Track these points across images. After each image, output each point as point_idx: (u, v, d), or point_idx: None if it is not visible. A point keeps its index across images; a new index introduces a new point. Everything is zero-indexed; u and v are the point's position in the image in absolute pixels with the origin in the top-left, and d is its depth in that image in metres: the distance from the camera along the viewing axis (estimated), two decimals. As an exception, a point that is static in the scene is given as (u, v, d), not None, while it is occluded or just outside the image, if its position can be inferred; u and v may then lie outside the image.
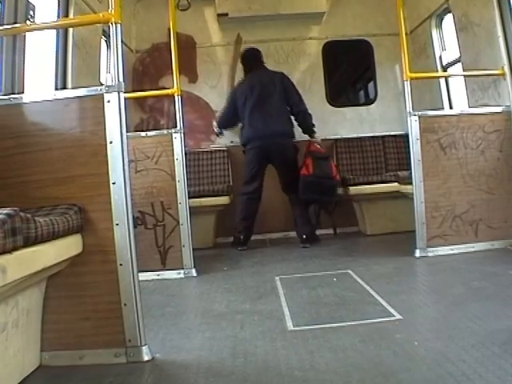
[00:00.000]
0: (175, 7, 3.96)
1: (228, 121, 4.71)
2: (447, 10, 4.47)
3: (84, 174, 1.96)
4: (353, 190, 4.71)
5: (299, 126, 4.55)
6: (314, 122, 4.55)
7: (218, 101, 5.30)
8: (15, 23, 2.75)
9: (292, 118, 4.53)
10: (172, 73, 3.69)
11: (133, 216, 1.98)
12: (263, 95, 4.43)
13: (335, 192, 4.44)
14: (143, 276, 2.59)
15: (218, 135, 4.88)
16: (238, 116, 4.57)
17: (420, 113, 3.54)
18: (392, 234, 4.59)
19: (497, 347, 1.74)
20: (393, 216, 4.70)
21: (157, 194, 3.50)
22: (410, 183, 3.61)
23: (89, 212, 1.96)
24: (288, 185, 4.46)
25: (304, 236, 4.39)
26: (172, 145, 3.51)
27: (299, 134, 4.58)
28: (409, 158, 3.58)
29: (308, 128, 4.54)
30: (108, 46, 4.43)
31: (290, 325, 2.24)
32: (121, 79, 1.95)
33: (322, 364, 1.76)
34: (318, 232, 4.63)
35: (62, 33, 3.60)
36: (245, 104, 4.47)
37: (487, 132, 3.59)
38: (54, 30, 3.55)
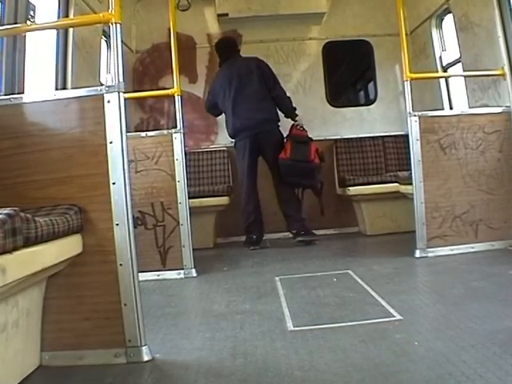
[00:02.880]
0: (175, 7, 3.96)
1: (213, 111, 4.79)
2: (447, 11, 4.47)
3: (84, 174, 1.96)
4: (353, 190, 4.71)
5: (280, 110, 4.55)
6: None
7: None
8: (15, 23, 2.75)
9: None
10: (172, 73, 3.69)
11: (133, 216, 1.98)
12: (242, 85, 4.44)
13: (315, 175, 4.45)
14: (143, 276, 2.59)
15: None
16: (218, 108, 4.63)
17: (420, 113, 3.53)
18: (392, 235, 4.59)
19: (497, 347, 1.74)
20: (393, 216, 4.70)
21: (157, 195, 3.50)
22: (410, 183, 3.61)
23: (89, 212, 1.96)
24: (276, 170, 4.44)
25: (295, 231, 4.41)
26: (172, 145, 3.51)
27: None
28: (409, 159, 3.58)
29: (288, 111, 4.55)
30: (108, 46, 4.43)
31: (289, 325, 2.24)
32: (121, 79, 1.95)
33: (321, 364, 1.76)
34: (323, 232, 4.70)
35: (62, 33, 3.60)
36: (225, 97, 4.49)
37: (487, 132, 3.59)
38: (54, 30, 3.55)
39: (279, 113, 4.57)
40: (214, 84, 4.67)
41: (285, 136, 4.52)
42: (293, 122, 4.56)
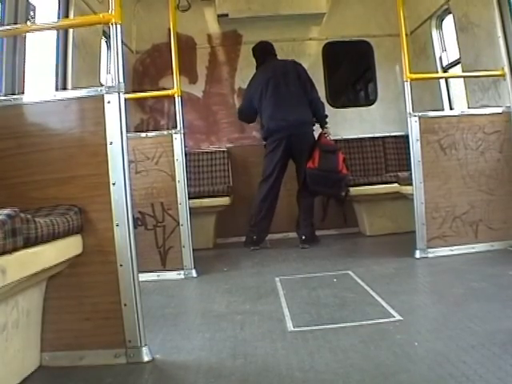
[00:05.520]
0: (175, 8, 3.96)
1: (246, 117, 4.71)
2: (447, 11, 4.47)
3: (84, 175, 1.96)
4: (353, 190, 4.71)
5: (313, 114, 4.49)
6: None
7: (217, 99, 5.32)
8: (15, 24, 2.76)
9: None
10: (172, 73, 3.69)
11: (133, 217, 1.98)
12: (279, 86, 4.41)
13: (342, 185, 4.42)
14: (143, 277, 2.58)
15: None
16: (255, 112, 4.56)
17: (420, 114, 3.53)
18: (392, 235, 4.59)
19: (497, 348, 1.74)
20: (393, 217, 4.70)
21: (157, 195, 3.50)
22: (410, 184, 3.61)
23: (89, 212, 1.96)
24: (303, 176, 4.40)
25: (303, 237, 4.39)
26: (172, 145, 3.51)
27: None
28: (409, 159, 3.58)
29: (320, 117, 4.52)
30: (108, 47, 4.43)
31: (290, 325, 2.24)
32: (121, 80, 1.95)
33: (322, 365, 1.76)
34: (323, 232, 4.67)
35: (63, 33, 3.60)
36: (261, 97, 4.45)
37: (487, 133, 3.59)
38: (55, 31, 3.55)
39: None
40: (250, 86, 4.61)
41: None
42: (321, 131, 4.51)
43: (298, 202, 4.54)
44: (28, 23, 2.85)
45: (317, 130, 4.54)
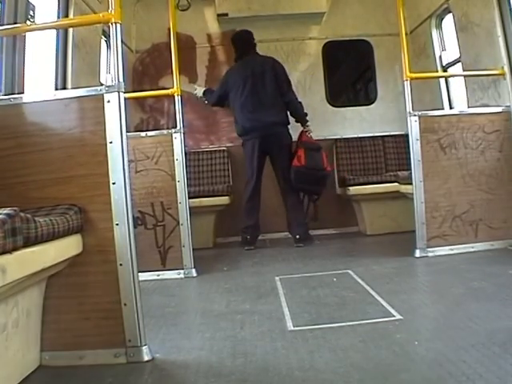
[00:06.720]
0: (175, 7, 3.96)
1: (217, 101, 4.74)
2: (447, 10, 4.47)
3: (84, 174, 1.96)
4: (353, 190, 4.71)
5: (291, 115, 4.55)
6: (306, 111, 4.58)
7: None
8: (15, 23, 2.75)
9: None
10: (172, 73, 3.69)
11: (133, 216, 1.98)
12: (256, 85, 4.43)
13: (325, 182, 4.48)
14: (143, 276, 2.59)
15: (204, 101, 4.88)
16: (226, 100, 4.61)
17: (420, 113, 3.53)
18: (392, 234, 4.59)
19: (497, 347, 1.74)
20: (393, 216, 4.70)
21: (157, 194, 3.50)
22: (410, 183, 3.62)
23: (89, 212, 1.96)
24: (284, 174, 4.44)
25: (297, 236, 4.41)
26: (172, 145, 3.51)
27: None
28: (409, 158, 3.58)
29: (299, 117, 4.55)
30: (108, 46, 4.43)
31: (289, 325, 2.24)
32: (121, 79, 1.95)
33: (321, 364, 1.76)
34: (323, 232, 4.73)
35: (62, 33, 3.60)
36: (237, 95, 4.48)
37: (487, 132, 3.59)
38: (54, 30, 3.55)
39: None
40: (228, 77, 4.62)
41: (295, 141, 4.52)
42: (302, 129, 4.55)
43: (284, 202, 4.56)
44: (28, 23, 2.85)
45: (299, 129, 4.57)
